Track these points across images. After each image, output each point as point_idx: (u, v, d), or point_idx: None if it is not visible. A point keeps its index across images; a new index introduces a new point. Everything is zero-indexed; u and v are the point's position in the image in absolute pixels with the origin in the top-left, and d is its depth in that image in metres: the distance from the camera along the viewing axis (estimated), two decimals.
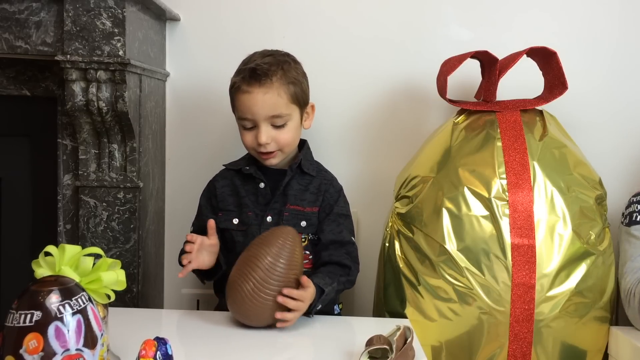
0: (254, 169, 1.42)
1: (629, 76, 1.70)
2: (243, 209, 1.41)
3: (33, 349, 0.82)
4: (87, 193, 1.51)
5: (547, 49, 1.47)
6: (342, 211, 1.42)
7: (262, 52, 1.41)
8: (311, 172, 1.42)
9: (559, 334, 1.35)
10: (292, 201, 1.39)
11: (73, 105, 1.41)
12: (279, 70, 1.35)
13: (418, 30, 1.70)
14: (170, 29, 1.72)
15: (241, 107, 1.36)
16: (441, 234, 1.37)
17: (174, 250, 1.75)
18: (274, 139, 1.36)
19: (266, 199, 1.40)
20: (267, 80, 1.33)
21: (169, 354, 0.94)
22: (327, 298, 1.30)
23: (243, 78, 1.35)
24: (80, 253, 1.01)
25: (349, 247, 1.39)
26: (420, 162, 1.48)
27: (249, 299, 1.19)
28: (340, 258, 1.36)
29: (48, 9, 1.41)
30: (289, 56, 1.42)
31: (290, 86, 1.36)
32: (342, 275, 1.34)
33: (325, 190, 1.42)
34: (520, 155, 1.39)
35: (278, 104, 1.34)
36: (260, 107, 1.34)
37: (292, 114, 1.38)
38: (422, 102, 1.71)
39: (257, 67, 1.34)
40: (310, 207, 1.40)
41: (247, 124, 1.37)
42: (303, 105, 1.41)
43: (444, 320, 1.37)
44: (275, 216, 1.39)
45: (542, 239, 1.35)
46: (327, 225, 1.39)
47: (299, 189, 1.41)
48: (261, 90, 1.33)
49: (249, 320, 1.23)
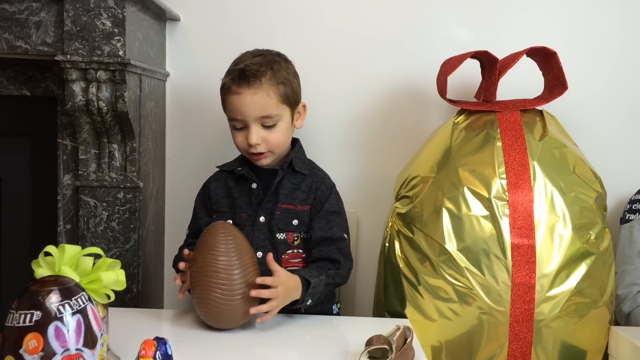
0: (246, 170, 1.42)
1: (629, 76, 1.70)
2: (237, 210, 1.41)
3: (33, 348, 0.82)
4: (87, 193, 1.51)
5: (547, 49, 1.47)
6: (332, 208, 1.40)
7: (253, 52, 1.41)
8: (303, 171, 1.42)
9: (559, 334, 1.35)
10: (284, 200, 1.39)
11: (73, 105, 1.41)
12: (268, 70, 1.34)
13: (418, 31, 1.70)
14: (170, 29, 1.72)
15: (231, 107, 1.36)
16: (441, 234, 1.37)
17: (174, 250, 1.74)
18: (264, 140, 1.36)
19: (259, 199, 1.40)
20: (256, 81, 1.33)
21: (169, 354, 0.94)
22: (317, 291, 1.27)
23: (232, 79, 1.35)
24: (80, 253, 1.01)
25: (340, 243, 1.37)
26: (420, 162, 1.48)
27: (224, 305, 1.17)
28: (330, 253, 1.34)
29: (48, 9, 1.41)
30: (280, 56, 1.42)
31: (280, 86, 1.35)
32: (330, 269, 1.32)
33: (316, 188, 1.41)
34: (520, 155, 1.39)
35: (267, 105, 1.34)
36: (249, 108, 1.34)
37: (283, 114, 1.37)
38: (422, 102, 1.71)
39: (246, 67, 1.34)
40: (301, 206, 1.39)
41: (237, 125, 1.37)
42: (294, 104, 1.41)
43: (444, 320, 1.37)
44: (268, 216, 1.38)
45: (542, 239, 1.35)
46: (317, 223, 1.38)
47: (290, 188, 1.40)
48: (250, 91, 1.33)
49: (235, 322, 1.21)
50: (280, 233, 1.37)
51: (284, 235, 1.38)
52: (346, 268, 1.36)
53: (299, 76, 1.43)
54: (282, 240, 1.37)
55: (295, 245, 1.38)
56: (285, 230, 1.38)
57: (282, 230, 1.38)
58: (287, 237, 1.38)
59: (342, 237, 1.38)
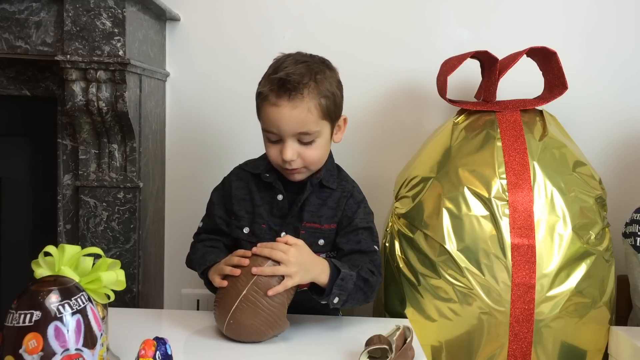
0: (274, 178, 1.31)
1: (629, 76, 1.70)
2: (256, 218, 1.31)
3: (32, 348, 0.82)
4: (87, 193, 1.51)
5: (547, 49, 1.47)
6: (361, 224, 1.29)
7: (295, 58, 1.27)
8: (331, 185, 1.31)
9: (559, 334, 1.35)
10: (309, 218, 1.29)
11: (73, 105, 1.41)
12: (311, 82, 1.22)
13: (418, 30, 1.70)
14: (170, 29, 1.72)
15: (267, 119, 1.24)
16: (441, 234, 1.37)
17: (174, 250, 1.75)
18: (301, 156, 1.25)
19: (282, 212, 1.30)
20: (297, 94, 1.20)
21: (169, 354, 0.94)
22: (345, 287, 1.17)
23: (271, 89, 1.22)
24: (80, 253, 1.01)
25: (372, 255, 1.27)
26: (420, 162, 1.48)
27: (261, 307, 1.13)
28: (362, 262, 1.24)
29: (48, 9, 1.41)
30: (325, 63, 1.30)
31: (322, 100, 1.23)
32: (362, 270, 1.22)
33: (344, 204, 1.30)
34: (520, 155, 1.39)
35: (307, 121, 1.22)
36: (287, 123, 1.21)
37: (322, 130, 1.25)
38: (422, 102, 1.72)
39: (287, 77, 1.21)
40: (327, 224, 1.29)
41: (272, 137, 1.26)
42: (335, 119, 1.29)
43: (444, 320, 1.37)
44: (291, 233, 1.26)
45: (542, 239, 1.35)
46: (343, 237, 1.28)
47: (317, 204, 1.30)
48: (290, 105, 1.20)
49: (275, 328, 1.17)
50: None
51: None
52: (378, 281, 1.26)
53: (342, 85, 1.33)
54: None
55: None
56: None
57: None
58: None
59: (373, 250, 1.28)
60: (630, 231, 1.43)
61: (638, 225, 1.42)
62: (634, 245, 1.42)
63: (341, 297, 1.18)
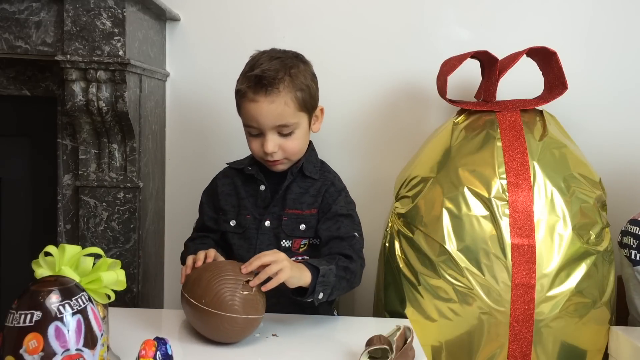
0: (256, 170, 1.37)
1: (629, 76, 1.70)
2: (241, 210, 1.37)
3: (33, 349, 0.82)
4: (87, 193, 1.51)
5: (547, 49, 1.47)
6: (341, 211, 1.34)
7: (270, 54, 1.33)
8: (313, 176, 1.37)
9: (559, 334, 1.35)
10: (291, 205, 1.35)
11: (73, 105, 1.41)
12: (286, 76, 1.28)
13: (418, 31, 1.70)
14: (170, 29, 1.72)
15: (246, 115, 1.31)
16: (441, 234, 1.37)
17: (174, 250, 1.75)
18: (281, 147, 1.31)
19: (265, 202, 1.36)
20: (274, 89, 1.26)
21: (169, 354, 0.94)
22: (328, 282, 1.19)
23: (249, 86, 1.28)
24: (80, 253, 1.01)
25: (350, 240, 1.30)
26: (420, 162, 1.48)
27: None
28: (340, 249, 1.28)
29: (48, 9, 1.41)
30: (298, 57, 1.35)
31: (298, 93, 1.29)
32: (340, 260, 1.25)
33: (325, 191, 1.36)
34: (520, 155, 1.39)
35: (285, 114, 1.28)
36: (265, 117, 1.28)
37: (300, 122, 1.32)
38: (422, 102, 1.72)
39: (263, 74, 1.27)
40: (309, 210, 1.35)
41: (252, 131, 1.32)
42: (312, 110, 1.35)
43: (444, 320, 1.37)
44: (275, 221, 1.34)
45: (542, 239, 1.35)
46: (323, 224, 1.33)
47: (298, 193, 1.36)
48: (267, 100, 1.27)
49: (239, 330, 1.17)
50: (286, 240, 1.34)
51: (290, 243, 1.34)
52: (358, 265, 1.28)
53: (317, 77, 1.38)
54: (287, 248, 1.33)
55: (299, 252, 1.34)
56: (293, 236, 1.34)
57: (289, 236, 1.33)
58: (292, 245, 1.34)
59: (352, 235, 1.31)
60: (625, 242, 1.42)
61: (632, 237, 1.40)
62: (628, 257, 1.41)
63: (325, 292, 1.20)
